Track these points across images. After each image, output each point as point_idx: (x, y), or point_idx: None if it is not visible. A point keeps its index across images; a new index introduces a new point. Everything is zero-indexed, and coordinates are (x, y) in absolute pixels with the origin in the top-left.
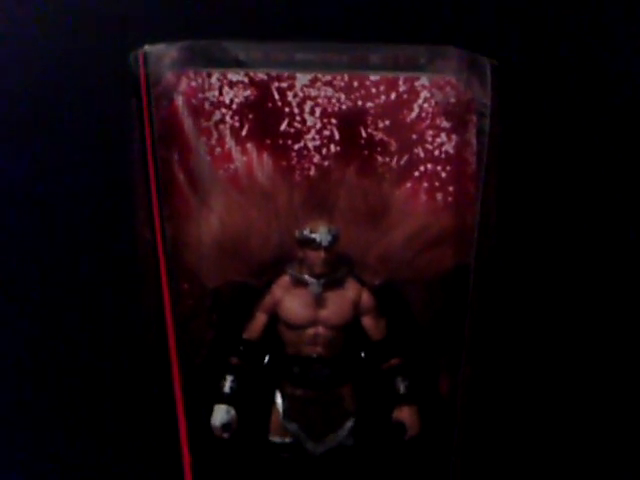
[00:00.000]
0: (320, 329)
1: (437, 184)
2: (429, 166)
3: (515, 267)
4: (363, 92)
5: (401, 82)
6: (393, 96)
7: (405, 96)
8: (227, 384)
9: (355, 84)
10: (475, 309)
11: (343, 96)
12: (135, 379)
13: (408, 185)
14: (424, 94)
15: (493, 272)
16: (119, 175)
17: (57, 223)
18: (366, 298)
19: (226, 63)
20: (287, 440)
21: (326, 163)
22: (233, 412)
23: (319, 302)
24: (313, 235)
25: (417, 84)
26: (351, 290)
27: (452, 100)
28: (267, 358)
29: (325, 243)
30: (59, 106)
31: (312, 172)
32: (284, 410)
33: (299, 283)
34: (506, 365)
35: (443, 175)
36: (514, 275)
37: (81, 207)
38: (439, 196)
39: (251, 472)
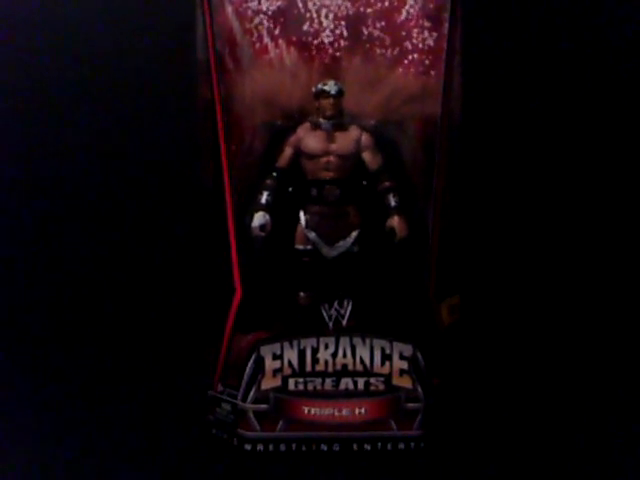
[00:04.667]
0: (331, 158)
1: (421, 69)
2: (415, 55)
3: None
4: (364, 0)
5: None
6: (387, 3)
7: (396, 3)
8: (263, 197)
9: None
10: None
11: (349, 4)
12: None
13: (400, 70)
14: (410, 1)
15: (457, 123)
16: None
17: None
18: (365, 137)
19: None
20: (308, 247)
21: (337, 54)
22: (268, 217)
23: (330, 138)
24: (325, 87)
25: None
26: (354, 132)
27: (431, 5)
28: (292, 188)
29: (333, 92)
30: None
31: (327, 61)
32: (306, 222)
33: (316, 126)
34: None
35: (426, 62)
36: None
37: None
38: (423, 78)
39: (281, 273)
